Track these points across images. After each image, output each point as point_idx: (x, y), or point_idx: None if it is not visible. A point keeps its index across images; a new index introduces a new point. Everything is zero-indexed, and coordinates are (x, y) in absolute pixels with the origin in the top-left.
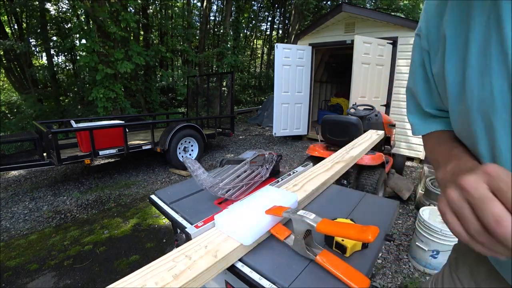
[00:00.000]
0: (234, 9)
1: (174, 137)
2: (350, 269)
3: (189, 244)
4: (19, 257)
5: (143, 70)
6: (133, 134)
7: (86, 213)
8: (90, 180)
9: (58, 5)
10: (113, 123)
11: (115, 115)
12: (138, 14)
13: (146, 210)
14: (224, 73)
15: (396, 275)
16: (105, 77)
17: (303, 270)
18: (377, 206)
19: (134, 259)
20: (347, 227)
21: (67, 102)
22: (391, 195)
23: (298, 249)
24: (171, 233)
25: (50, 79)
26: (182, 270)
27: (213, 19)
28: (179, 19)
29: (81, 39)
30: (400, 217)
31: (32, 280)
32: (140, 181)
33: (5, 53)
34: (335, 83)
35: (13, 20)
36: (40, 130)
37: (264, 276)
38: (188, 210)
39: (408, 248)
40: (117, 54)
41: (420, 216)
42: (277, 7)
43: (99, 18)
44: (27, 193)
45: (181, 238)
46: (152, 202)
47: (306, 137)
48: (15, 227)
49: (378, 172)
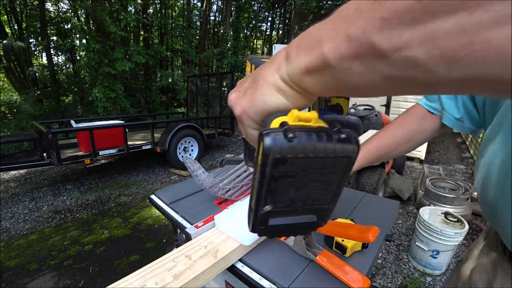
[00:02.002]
0: (234, 9)
1: (174, 137)
2: (350, 269)
3: (189, 244)
4: (19, 257)
5: (143, 70)
6: (133, 134)
7: (86, 213)
8: (90, 180)
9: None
10: (113, 123)
11: (115, 115)
12: (138, 14)
13: (146, 210)
14: (224, 73)
15: (396, 275)
16: (105, 76)
17: (303, 270)
18: (377, 206)
19: (134, 259)
20: (347, 227)
21: (67, 102)
22: (391, 195)
23: (298, 249)
24: (171, 233)
25: (50, 79)
26: (182, 270)
27: (213, 19)
28: (179, 19)
29: (81, 39)
30: (400, 217)
31: (32, 280)
32: (140, 181)
33: (5, 53)
34: None
35: (13, 20)
36: (40, 130)
37: (264, 276)
38: (188, 210)
39: (408, 248)
40: (117, 54)
41: (420, 216)
42: (277, 7)
43: (99, 18)
44: (27, 193)
45: (181, 238)
46: (152, 202)
47: None
48: (15, 227)
49: (378, 172)
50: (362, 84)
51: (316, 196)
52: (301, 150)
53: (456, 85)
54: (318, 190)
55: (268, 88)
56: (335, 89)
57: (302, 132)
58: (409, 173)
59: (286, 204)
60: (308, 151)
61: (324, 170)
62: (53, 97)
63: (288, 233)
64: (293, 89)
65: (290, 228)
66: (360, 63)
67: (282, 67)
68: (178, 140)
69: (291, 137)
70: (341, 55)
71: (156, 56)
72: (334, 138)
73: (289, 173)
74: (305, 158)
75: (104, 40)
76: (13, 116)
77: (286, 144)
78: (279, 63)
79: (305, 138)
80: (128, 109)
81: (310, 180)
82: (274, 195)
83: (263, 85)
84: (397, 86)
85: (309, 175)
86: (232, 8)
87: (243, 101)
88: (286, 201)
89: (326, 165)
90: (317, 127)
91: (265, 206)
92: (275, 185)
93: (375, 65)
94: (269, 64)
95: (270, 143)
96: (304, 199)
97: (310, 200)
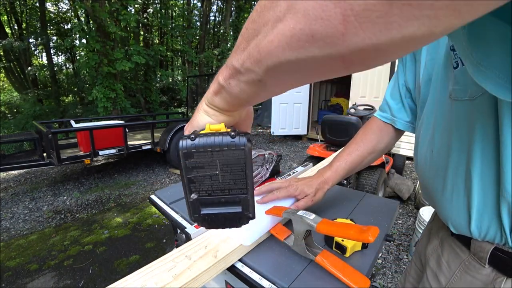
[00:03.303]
0: (234, 9)
1: (174, 137)
2: (350, 269)
3: (189, 244)
4: (19, 257)
5: (143, 70)
6: (133, 134)
7: (86, 213)
8: (90, 180)
9: (58, 5)
10: (113, 123)
11: (115, 115)
12: (138, 14)
13: (146, 210)
14: None
15: (396, 275)
16: (105, 76)
17: (303, 270)
18: (377, 206)
19: (134, 259)
20: (347, 228)
21: (67, 102)
22: (391, 195)
23: (298, 250)
24: (171, 233)
25: (50, 79)
26: (182, 270)
27: (213, 19)
28: (179, 19)
29: (81, 39)
30: (400, 217)
31: (32, 280)
32: (140, 181)
33: (5, 53)
34: (335, 83)
35: (13, 20)
36: (40, 130)
37: (264, 276)
38: None
39: (408, 248)
40: (117, 54)
41: (420, 216)
42: None
43: (99, 18)
44: (27, 193)
45: (181, 238)
46: (152, 202)
47: (306, 137)
48: (15, 227)
49: (378, 172)
50: (242, 91)
51: (230, 186)
52: (202, 146)
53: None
54: (229, 180)
55: (199, 112)
56: (232, 101)
57: (202, 135)
58: (409, 173)
59: (207, 193)
60: (206, 146)
61: (227, 161)
62: (53, 97)
63: (224, 225)
64: (211, 109)
65: (222, 218)
66: (233, 79)
67: (207, 96)
68: (178, 140)
69: (192, 138)
70: (224, 77)
71: (156, 56)
72: (227, 136)
73: (199, 164)
74: (206, 152)
75: (104, 40)
76: (13, 116)
77: (189, 143)
78: (206, 95)
79: (204, 138)
80: (128, 109)
81: (219, 170)
82: (194, 183)
83: (197, 111)
84: (254, 89)
85: (215, 166)
86: (232, 8)
87: (188, 126)
88: (206, 190)
89: (227, 157)
90: (217, 131)
91: (191, 194)
92: (192, 175)
93: (238, 77)
94: (203, 98)
95: (181, 144)
96: (220, 188)
97: (227, 189)
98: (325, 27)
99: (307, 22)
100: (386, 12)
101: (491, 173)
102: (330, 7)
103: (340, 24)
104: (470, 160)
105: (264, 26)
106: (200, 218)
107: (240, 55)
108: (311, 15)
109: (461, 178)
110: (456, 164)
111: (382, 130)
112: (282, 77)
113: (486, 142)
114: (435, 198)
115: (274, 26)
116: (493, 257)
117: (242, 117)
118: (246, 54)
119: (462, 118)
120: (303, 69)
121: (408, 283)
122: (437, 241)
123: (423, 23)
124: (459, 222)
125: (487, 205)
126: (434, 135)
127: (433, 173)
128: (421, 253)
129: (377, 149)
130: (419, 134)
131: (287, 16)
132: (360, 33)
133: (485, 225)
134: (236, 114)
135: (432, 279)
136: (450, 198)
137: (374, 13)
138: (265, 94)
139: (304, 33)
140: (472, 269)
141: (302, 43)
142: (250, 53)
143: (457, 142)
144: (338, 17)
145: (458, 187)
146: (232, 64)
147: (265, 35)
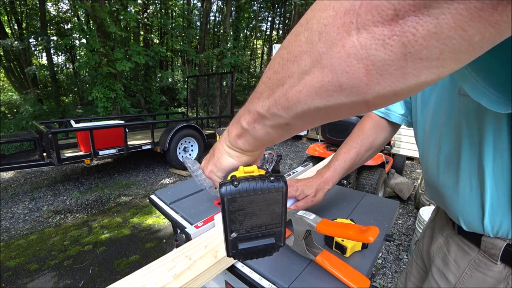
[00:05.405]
0: (234, 9)
1: (174, 137)
2: (350, 269)
3: (189, 245)
4: (19, 257)
5: (143, 70)
6: (133, 134)
7: (86, 213)
8: (90, 180)
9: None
10: (113, 123)
11: (115, 115)
12: (138, 14)
13: (146, 210)
14: (224, 73)
15: (396, 275)
16: (105, 76)
17: (303, 270)
18: (377, 206)
19: (134, 259)
20: (347, 228)
21: (67, 102)
22: (391, 195)
23: (298, 250)
24: (171, 233)
25: (50, 79)
26: (182, 270)
27: (213, 19)
28: (179, 19)
29: (81, 39)
30: (400, 217)
31: (32, 280)
32: (140, 181)
33: (5, 53)
34: None
35: (13, 20)
36: (40, 130)
37: (264, 276)
38: (188, 210)
39: (408, 248)
40: (117, 54)
41: (420, 216)
42: (277, 7)
43: (99, 18)
44: (27, 193)
45: (181, 238)
46: (152, 202)
47: (306, 137)
48: (15, 227)
49: (378, 172)
50: (268, 134)
51: (267, 222)
52: (244, 191)
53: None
54: (267, 217)
55: (221, 154)
56: (255, 143)
57: (244, 180)
58: (409, 173)
59: (246, 230)
60: (249, 191)
61: (266, 202)
62: (53, 97)
63: (258, 255)
64: (234, 151)
65: (257, 250)
66: (258, 123)
67: (226, 138)
68: (178, 140)
69: (236, 184)
70: (247, 122)
71: (156, 56)
72: (267, 180)
73: (241, 207)
74: (249, 196)
75: (104, 40)
76: (13, 116)
77: (234, 189)
78: (225, 137)
79: (246, 183)
80: (128, 109)
81: (258, 210)
82: (235, 224)
83: (218, 153)
84: (280, 131)
85: (256, 207)
86: (232, 8)
87: (209, 166)
88: (246, 228)
89: (266, 198)
90: (257, 175)
91: (231, 233)
92: (234, 217)
93: (264, 122)
94: (221, 139)
95: (223, 190)
96: (259, 225)
97: (264, 225)
98: (351, 79)
99: (334, 75)
100: (402, 65)
101: (503, 166)
102: (353, 63)
103: (364, 76)
104: (482, 154)
105: (290, 78)
106: (237, 253)
107: (265, 102)
108: (337, 70)
109: (474, 172)
110: (469, 158)
111: (378, 125)
112: (308, 120)
113: (497, 135)
114: (445, 194)
115: (301, 78)
116: (506, 254)
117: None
118: (271, 101)
119: (472, 112)
120: (329, 113)
121: (410, 282)
122: (442, 239)
123: (433, 72)
124: (471, 217)
125: (500, 199)
126: (442, 130)
127: (442, 168)
128: (423, 252)
129: (374, 145)
130: (424, 130)
131: (314, 70)
132: (382, 83)
133: (498, 221)
134: (256, 153)
135: (439, 278)
136: (463, 193)
137: (392, 67)
138: (288, 135)
139: (332, 84)
140: (483, 266)
141: (331, 92)
142: (277, 100)
143: (467, 136)
144: (361, 71)
145: (471, 181)
146: (256, 110)
147: (292, 86)
